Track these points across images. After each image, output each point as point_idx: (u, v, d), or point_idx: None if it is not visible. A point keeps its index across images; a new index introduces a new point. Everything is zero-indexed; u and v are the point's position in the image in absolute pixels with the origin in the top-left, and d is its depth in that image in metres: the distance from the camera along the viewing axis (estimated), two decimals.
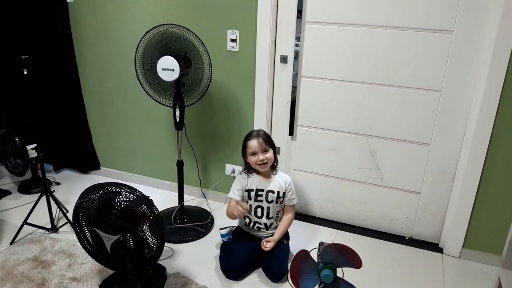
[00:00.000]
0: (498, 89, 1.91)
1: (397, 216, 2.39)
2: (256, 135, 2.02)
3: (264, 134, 2.04)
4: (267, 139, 2.03)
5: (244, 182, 2.07)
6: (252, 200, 2.07)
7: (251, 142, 2.01)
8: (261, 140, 2.00)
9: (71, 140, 2.99)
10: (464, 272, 2.13)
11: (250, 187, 2.07)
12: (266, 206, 2.07)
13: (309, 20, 2.22)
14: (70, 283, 1.92)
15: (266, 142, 2.00)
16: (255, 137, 2.01)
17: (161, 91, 2.21)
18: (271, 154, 2.02)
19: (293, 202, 2.11)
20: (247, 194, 2.07)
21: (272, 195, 2.06)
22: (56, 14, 2.66)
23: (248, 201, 2.08)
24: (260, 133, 2.04)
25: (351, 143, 2.34)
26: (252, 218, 2.10)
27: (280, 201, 2.07)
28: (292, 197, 2.10)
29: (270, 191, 2.06)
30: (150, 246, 1.71)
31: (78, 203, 1.72)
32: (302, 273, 1.58)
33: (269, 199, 2.06)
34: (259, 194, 2.06)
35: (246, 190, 2.07)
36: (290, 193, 2.09)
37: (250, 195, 2.07)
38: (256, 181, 2.07)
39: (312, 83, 2.32)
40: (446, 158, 2.19)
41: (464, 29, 1.96)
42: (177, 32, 2.06)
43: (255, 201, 2.07)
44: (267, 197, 2.06)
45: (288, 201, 2.10)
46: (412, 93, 2.14)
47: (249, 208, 2.08)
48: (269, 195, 2.06)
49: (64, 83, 2.83)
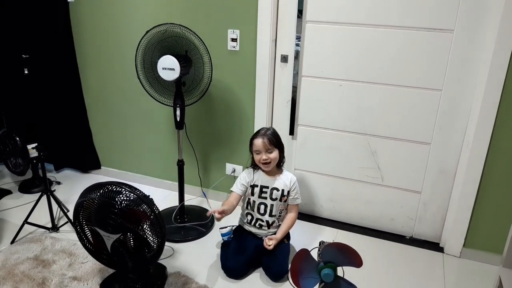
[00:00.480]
0: (499, 88, 1.91)
1: (397, 215, 2.39)
2: (263, 134, 2.02)
3: (271, 134, 2.03)
4: (273, 139, 2.01)
5: (250, 177, 2.08)
6: (255, 196, 2.07)
7: (256, 141, 2.02)
8: (266, 140, 1.99)
9: (72, 139, 2.99)
10: (464, 272, 2.13)
11: (255, 183, 2.07)
12: (270, 203, 2.07)
13: (310, 19, 2.21)
14: (70, 282, 1.92)
15: (271, 142, 2.00)
16: (261, 136, 2.01)
17: (162, 91, 2.21)
18: (275, 154, 2.02)
19: (297, 201, 2.11)
20: (251, 189, 2.08)
21: (277, 192, 2.06)
22: (56, 13, 2.66)
23: (251, 197, 2.09)
24: (268, 132, 2.03)
25: (352, 143, 2.34)
26: (254, 215, 2.10)
27: (284, 199, 2.07)
28: (296, 196, 2.10)
29: (274, 189, 2.06)
30: (150, 245, 1.71)
31: (78, 202, 1.72)
32: (302, 272, 1.58)
33: (273, 197, 2.06)
34: (263, 191, 2.07)
35: (251, 185, 2.08)
36: (294, 192, 2.09)
37: (254, 191, 2.07)
38: (261, 178, 2.08)
39: (313, 82, 2.32)
40: (446, 157, 2.19)
41: (464, 28, 1.96)
42: (178, 32, 2.07)
43: (259, 198, 2.07)
44: (271, 195, 2.06)
45: (292, 200, 2.10)
46: (412, 92, 2.14)
47: (252, 204, 2.09)
48: (273, 192, 2.06)
49: (65, 82, 2.83)
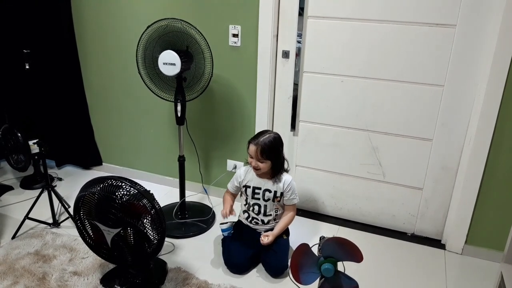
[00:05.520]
0: (501, 84, 1.90)
1: (399, 212, 2.38)
2: (258, 142, 1.94)
3: (267, 143, 1.93)
4: (267, 150, 1.93)
5: (242, 177, 2.08)
6: (249, 197, 2.07)
7: (251, 146, 1.97)
8: (259, 150, 1.93)
9: (73, 136, 3.00)
10: (466, 269, 2.12)
11: (248, 183, 2.07)
12: (263, 204, 2.06)
13: (311, 15, 2.21)
14: (71, 277, 1.92)
15: (262, 153, 1.93)
16: (255, 144, 1.94)
17: (163, 86, 2.21)
18: (265, 165, 1.97)
19: (294, 201, 2.07)
20: (244, 189, 2.08)
21: (269, 194, 2.04)
22: (58, 8, 2.66)
23: (246, 197, 2.09)
24: (265, 141, 1.94)
25: (353, 139, 2.33)
26: (250, 213, 2.10)
27: (278, 200, 2.05)
28: (292, 196, 2.05)
29: (266, 190, 2.04)
30: (150, 240, 1.71)
31: (79, 196, 1.72)
32: (302, 267, 1.57)
33: (265, 198, 2.05)
34: (256, 192, 2.05)
35: (243, 186, 2.07)
36: (290, 193, 2.04)
37: (247, 192, 2.07)
38: (254, 179, 2.06)
39: (314, 78, 2.31)
40: (448, 153, 2.17)
41: (467, 24, 1.94)
42: (179, 27, 2.06)
43: (252, 199, 2.07)
44: (263, 196, 2.05)
45: (288, 201, 2.06)
46: (414, 88, 2.13)
47: (248, 203, 2.09)
48: (265, 194, 2.04)
49: (66, 78, 2.83)
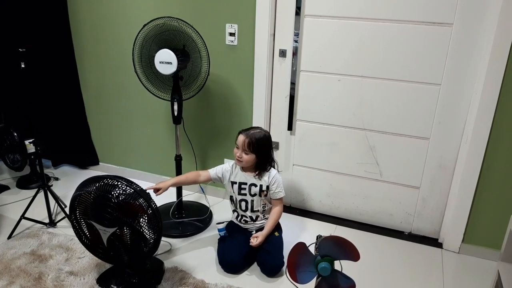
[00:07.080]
0: (498, 82, 1.90)
1: (396, 211, 2.38)
2: (249, 133, 1.98)
3: (257, 138, 1.97)
4: (255, 144, 1.96)
5: (229, 173, 2.09)
6: (236, 193, 2.07)
7: (240, 136, 2.00)
8: (247, 141, 1.96)
9: (70, 135, 2.98)
10: (463, 267, 2.12)
11: (234, 179, 2.07)
12: (250, 199, 2.06)
13: (308, 13, 2.20)
14: (67, 277, 1.91)
15: (250, 145, 1.96)
16: (245, 134, 1.98)
17: (159, 85, 2.20)
18: (249, 158, 1.98)
19: (280, 195, 2.06)
20: (231, 185, 2.08)
21: (255, 188, 2.04)
22: (54, 7, 2.65)
23: (232, 195, 2.09)
24: (256, 135, 1.98)
25: (350, 138, 2.33)
26: (238, 211, 2.11)
27: (264, 194, 2.05)
28: (278, 190, 2.05)
29: (252, 185, 2.05)
30: (147, 239, 1.71)
31: (75, 195, 1.71)
32: (299, 265, 1.57)
33: (252, 192, 2.05)
34: (242, 187, 2.06)
35: (231, 182, 2.08)
36: (275, 186, 2.05)
37: (233, 189, 2.07)
38: (239, 174, 2.07)
39: (311, 77, 2.31)
40: (445, 152, 2.17)
41: (464, 22, 1.94)
42: (175, 25, 2.05)
43: (239, 195, 2.07)
44: (250, 190, 2.05)
45: (274, 195, 2.06)
46: (411, 87, 2.13)
47: (235, 201, 2.09)
48: (251, 188, 2.05)
49: (63, 77, 2.82)
